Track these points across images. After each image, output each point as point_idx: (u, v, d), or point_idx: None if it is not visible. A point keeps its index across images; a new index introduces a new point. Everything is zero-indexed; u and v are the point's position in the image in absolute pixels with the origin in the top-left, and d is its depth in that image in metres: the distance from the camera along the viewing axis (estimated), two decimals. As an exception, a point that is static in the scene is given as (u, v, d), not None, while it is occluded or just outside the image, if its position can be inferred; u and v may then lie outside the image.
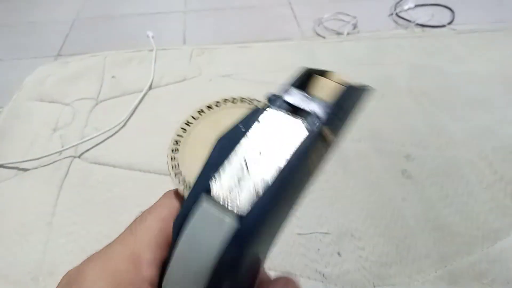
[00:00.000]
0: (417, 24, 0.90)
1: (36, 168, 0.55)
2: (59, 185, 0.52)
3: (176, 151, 0.21)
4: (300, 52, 0.76)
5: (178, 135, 0.21)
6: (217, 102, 0.22)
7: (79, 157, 0.56)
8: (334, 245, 0.46)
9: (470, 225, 0.47)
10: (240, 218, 0.15)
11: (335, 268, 0.44)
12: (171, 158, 0.21)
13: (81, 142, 0.57)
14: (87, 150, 0.57)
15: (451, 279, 0.42)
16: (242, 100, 0.22)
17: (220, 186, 0.16)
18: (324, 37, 0.88)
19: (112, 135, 0.59)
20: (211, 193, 0.16)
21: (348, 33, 0.90)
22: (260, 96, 0.20)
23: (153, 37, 0.77)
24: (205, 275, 0.15)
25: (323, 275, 0.43)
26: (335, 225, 0.47)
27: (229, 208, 0.15)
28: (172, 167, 0.21)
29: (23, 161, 0.55)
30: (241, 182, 0.16)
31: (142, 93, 0.65)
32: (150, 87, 0.67)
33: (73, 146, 0.56)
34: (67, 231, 0.48)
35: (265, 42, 0.80)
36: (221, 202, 0.15)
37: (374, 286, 0.42)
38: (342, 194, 0.51)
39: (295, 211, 0.18)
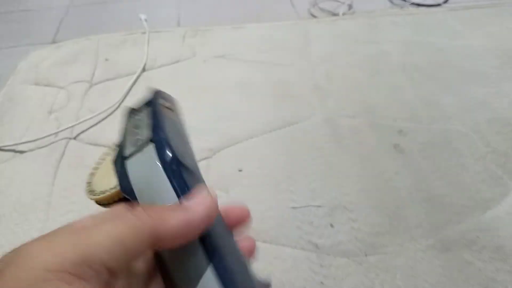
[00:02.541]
0: (413, 4, 0.89)
1: (33, 150, 0.55)
2: (56, 165, 0.53)
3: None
4: (294, 31, 0.76)
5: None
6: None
7: (74, 138, 0.57)
8: (327, 218, 0.46)
9: (462, 196, 0.47)
10: (152, 139, 0.20)
11: (328, 239, 0.44)
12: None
13: (77, 124, 0.57)
14: (83, 132, 0.57)
15: (442, 247, 0.43)
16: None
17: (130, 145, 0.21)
18: (318, 18, 0.87)
19: (107, 116, 0.60)
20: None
21: (343, 14, 0.90)
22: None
23: (146, 20, 0.77)
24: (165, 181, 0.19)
25: (317, 245, 0.44)
26: (329, 198, 0.48)
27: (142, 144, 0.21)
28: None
29: (20, 143, 0.55)
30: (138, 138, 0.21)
31: (136, 75, 0.65)
32: (144, 69, 0.68)
33: (68, 127, 0.57)
34: (65, 210, 0.49)
35: (259, 23, 0.80)
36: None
37: (366, 255, 0.43)
38: (335, 169, 0.51)
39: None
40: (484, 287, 0.40)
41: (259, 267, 0.42)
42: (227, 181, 0.50)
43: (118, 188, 0.21)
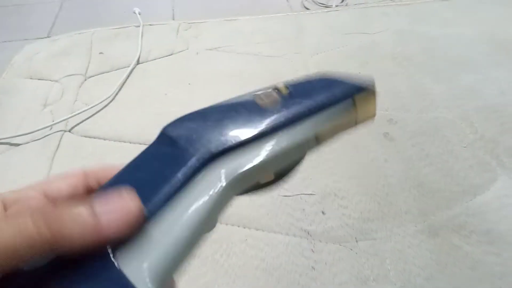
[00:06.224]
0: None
1: (28, 142, 0.56)
2: (51, 157, 0.54)
3: None
4: (287, 23, 0.76)
5: None
6: None
7: (69, 131, 0.57)
8: (318, 205, 0.47)
9: (450, 182, 0.48)
10: None
11: (320, 226, 0.45)
12: None
13: (71, 116, 0.58)
14: (77, 124, 0.58)
15: (430, 232, 0.44)
16: None
17: None
18: (311, 10, 0.87)
19: (101, 109, 0.60)
20: None
21: (336, 6, 0.90)
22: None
23: (139, 13, 0.77)
24: None
25: (308, 232, 0.45)
26: (320, 186, 0.49)
27: None
28: None
29: (15, 136, 0.56)
30: None
31: (130, 68, 0.66)
32: (138, 62, 0.68)
33: (63, 120, 0.57)
34: (60, 201, 0.49)
35: (252, 15, 0.81)
36: None
37: (356, 241, 0.44)
38: (326, 157, 0.52)
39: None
40: (471, 268, 0.41)
41: (249, 254, 0.43)
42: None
43: None
